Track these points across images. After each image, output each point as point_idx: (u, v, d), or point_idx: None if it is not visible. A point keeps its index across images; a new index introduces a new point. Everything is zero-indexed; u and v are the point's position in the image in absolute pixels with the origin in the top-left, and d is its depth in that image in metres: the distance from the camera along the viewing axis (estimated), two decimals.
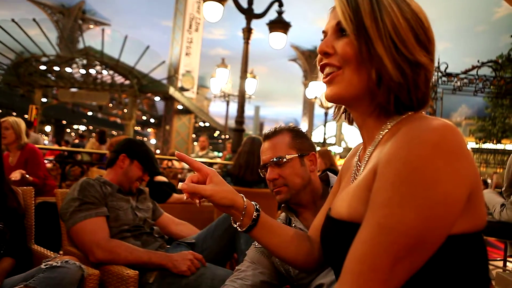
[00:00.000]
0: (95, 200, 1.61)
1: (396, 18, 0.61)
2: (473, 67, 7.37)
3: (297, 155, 1.25)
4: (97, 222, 1.56)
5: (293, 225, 1.22)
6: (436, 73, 7.41)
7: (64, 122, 25.79)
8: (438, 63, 7.40)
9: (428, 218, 0.48)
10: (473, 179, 0.52)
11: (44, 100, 16.02)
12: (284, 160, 1.22)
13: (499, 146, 19.47)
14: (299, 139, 1.29)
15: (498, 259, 3.76)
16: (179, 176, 7.08)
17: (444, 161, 0.49)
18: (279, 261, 1.19)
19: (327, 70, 0.67)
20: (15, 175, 2.62)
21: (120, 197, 1.74)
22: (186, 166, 6.91)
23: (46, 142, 16.88)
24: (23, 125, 3.02)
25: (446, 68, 7.39)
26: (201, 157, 6.00)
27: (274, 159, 1.23)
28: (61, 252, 1.83)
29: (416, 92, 0.62)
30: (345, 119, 0.78)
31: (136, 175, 1.81)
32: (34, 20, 13.17)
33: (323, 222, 0.76)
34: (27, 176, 2.74)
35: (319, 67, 0.69)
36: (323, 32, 0.70)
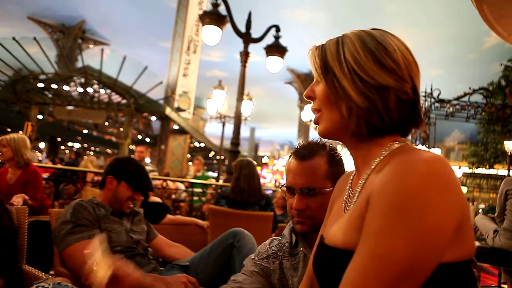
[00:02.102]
0: (88, 222, 1.59)
1: (356, 51, 0.66)
2: (465, 94, 7.54)
3: (332, 188, 1.06)
4: None
5: (300, 249, 1.16)
6: (429, 99, 7.56)
7: (59, 139, 25.65)
8: (431, 89, 7.56)
9: (418, 248, 0.50)
10: (462, 209, 0.54)
11: (40, 117, 15.98)
12: (319, 192, 1.07)
13: (491, 171, 19.59)
14: (335, 165, 1.12)
15: (493, 285, 3.74)
16: (173, 196, 7.02)
17: (434, 192, 0.51)
18: (278, 283, 1.16)
19: (314, 112, 0.75)
20: (18, 200, 2.57)
21: (113, 219, 1.72)
22: (182, 187, 6.84)
23: (40, 158, 16.72)
24: (22, 142, 2.93)
25: (439, 94, 7.54)
26: None
27: (307, 190, 1.07)
28: (52, 273, 1.80)
29: (388, 113, 0.64)
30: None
31: (125, 195, 1.76)
32: (34, 38, 13.31)
33: (316, 250, 0.77)
34: (29, 201, 2.69)
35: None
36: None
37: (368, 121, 0.65)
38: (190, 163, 27.20)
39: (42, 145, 24.58)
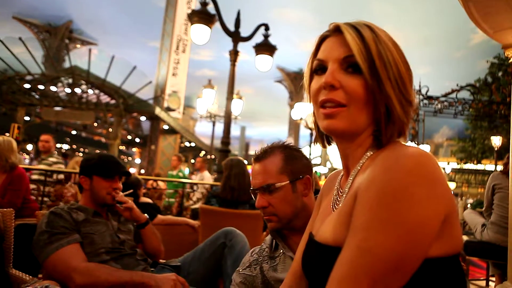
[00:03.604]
0: (65, 230, 1.56)
1: (397, 60, 0.64)
2: (453, 91, 7.63)
3: (288, 181, 1.14)
4: (71, 250, 1.51)
5: (281, 251, 1.18)
6: (418, 96, 7.64)
7: None
8: (420, 86, 7.65)
9: (404, 241, 0.50)
10: (447, 204, 0.54)
11: (27, 118, 15.73)
12: (274, 188, 1.14)
13: (479, 167, 19.91)
14: (292, 160, 1.18)
15: (481, 278, 3.80)
16: (164, 196, 6.97)
17: (420, 185, 0.52)
18: (263, 287, 1.19)
19: (329, 104, 0.65)
20: None
21: (96, 220, 1.69)
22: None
23: (27, 161, 16.43)
24: (8, 145, 2.82)
25: (427, 91, 7.62)
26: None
27: (264, 186, 1.14)
28: (40, 276, 1.77)
29: (407, 127, 0.67)
30: (320, 141, 0.78)
31: (103, 187, 1.74)
32: (20, 38, 13.08)
33: (305, 246, 0.77)
34: None
35: (319, 100, 0.67)
36: (320, 60, 0.68)
37: (401, 133, 0.66)
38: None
39: (29, 147, 24.23)
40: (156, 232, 1.94)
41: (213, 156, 17.83)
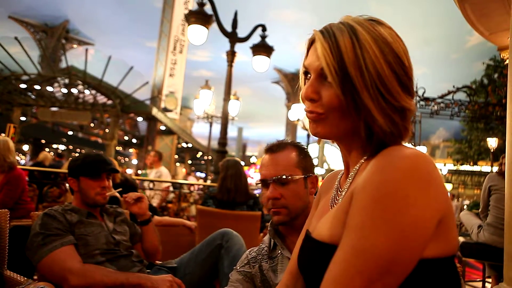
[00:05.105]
0: (59, 231, 1.54)
1: (379, 64, 0.59)
2: (449, 92, 7.66)
3: (303, 176, 1.16)
4: (65, 251, 1.50)
5: (279, 251, 1.18)
6: (414, 98, 7.67)
7: (43, 141, 25.18)
8: (416, 87, 7.67)
9: (399, 241, 0.50)
10: (444, 205, 0.54)
11: (23, 118, 15.65)
12: (291, 179, 1.13)
13: (475, 168, 20.01)
14: (305, 157, 1.20)
15: (478, 280, 3.81)
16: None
17: (415, 186, 0.51)
18: (262, 286, 1.18)
19: (312, 113, 0.66)
20: None
21: (90, 222, 1.67)
22: (170, 188, 6.78)
23: (23, 162, 16.35)
24: (6, 145, 2.79)
25: (424, 92, 7.65)
26: None
27: (280, 177, 1.13)
28: (35, 277, 1.76)
29: (405, 134, 0.64)
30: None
31: (91, 188, 1.71)
32: (16, 38, 13.02)
33: (302, 243, 0.77)
34: None
35: (305, 109, 0.68)
36: (305, 67, 0.69)
37: (390, 143, 0.62)
38: (178, 164, 26.99)
39: (25, 147, 24.11)
40: (156, 230, 1.95)
41: (210, 157, 17.81)
